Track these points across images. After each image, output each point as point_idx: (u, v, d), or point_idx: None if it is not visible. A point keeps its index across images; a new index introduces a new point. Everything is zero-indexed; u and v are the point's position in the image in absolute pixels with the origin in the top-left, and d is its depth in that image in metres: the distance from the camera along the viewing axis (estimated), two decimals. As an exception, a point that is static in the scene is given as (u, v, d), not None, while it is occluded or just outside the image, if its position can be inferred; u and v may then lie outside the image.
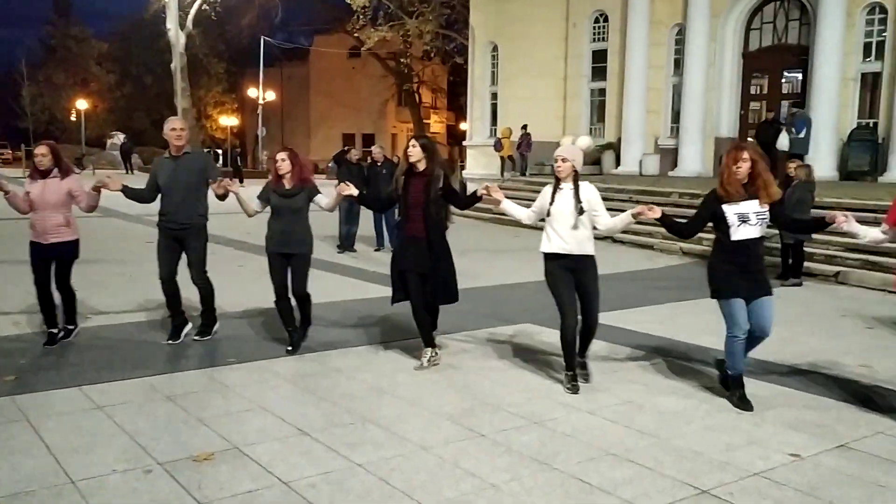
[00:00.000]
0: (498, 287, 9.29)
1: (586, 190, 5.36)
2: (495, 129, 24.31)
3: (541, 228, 5.57)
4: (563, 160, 5.31)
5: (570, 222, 5.28)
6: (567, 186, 5.36)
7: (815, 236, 9.57)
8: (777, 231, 10.01)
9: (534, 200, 5.66)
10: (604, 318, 5.81)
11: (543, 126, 22.33)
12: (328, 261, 10.85)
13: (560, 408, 5.07)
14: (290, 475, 3.93)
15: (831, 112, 16.88)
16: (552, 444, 4.44)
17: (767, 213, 5.05)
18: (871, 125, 17.06)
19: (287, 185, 6.11)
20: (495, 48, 24.69)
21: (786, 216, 5.41)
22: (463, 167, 26.59)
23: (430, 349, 5.90)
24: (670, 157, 20.14)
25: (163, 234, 6.28)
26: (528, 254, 6.07)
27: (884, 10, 16.74)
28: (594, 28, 22.40)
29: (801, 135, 14.01)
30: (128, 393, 5.17)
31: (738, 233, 5.02)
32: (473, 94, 25.78)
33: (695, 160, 19.27)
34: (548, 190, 5.45)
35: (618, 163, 20.97)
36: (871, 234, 5.15)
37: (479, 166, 24.42)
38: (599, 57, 22.30)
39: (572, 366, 5.45)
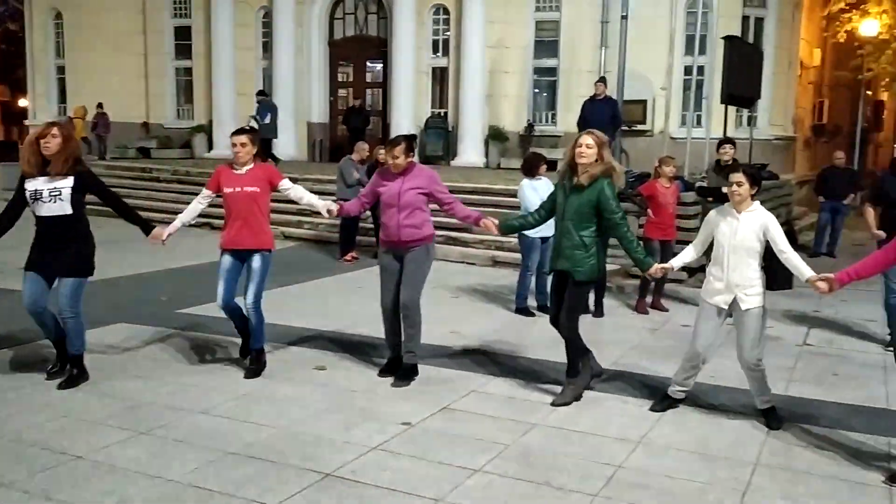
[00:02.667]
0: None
1: None
2: (65, 108, 21.74)
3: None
4: None
5: None
6: None
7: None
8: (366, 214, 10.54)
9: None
10: (208, 309, 5.51)
11: (124, 105, 20.53)
12: None
13: (169, 412, 4.62)
14: None
15: (409, 101, 18.38)
16: (164, 454, 4.01)
17: (69, 189, 4.88)
18: (442, 114, 19.01)
19: None
20: (59, 15, 22.00)
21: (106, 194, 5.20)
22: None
23: None
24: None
25: None
26: (112, 245, 5.43)
27: (447, 11, 18.71)
28: (175, 3, 21.20)
29: (267, 120, 15.32)
30: None
31: (39, 209, 4.90)
32: (35, 68, 22.72)
33: (289, 145, 19.36)
34: None
35: (210, 146, 20.24)
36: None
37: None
38: (184, 34, 21.20)
39: None
